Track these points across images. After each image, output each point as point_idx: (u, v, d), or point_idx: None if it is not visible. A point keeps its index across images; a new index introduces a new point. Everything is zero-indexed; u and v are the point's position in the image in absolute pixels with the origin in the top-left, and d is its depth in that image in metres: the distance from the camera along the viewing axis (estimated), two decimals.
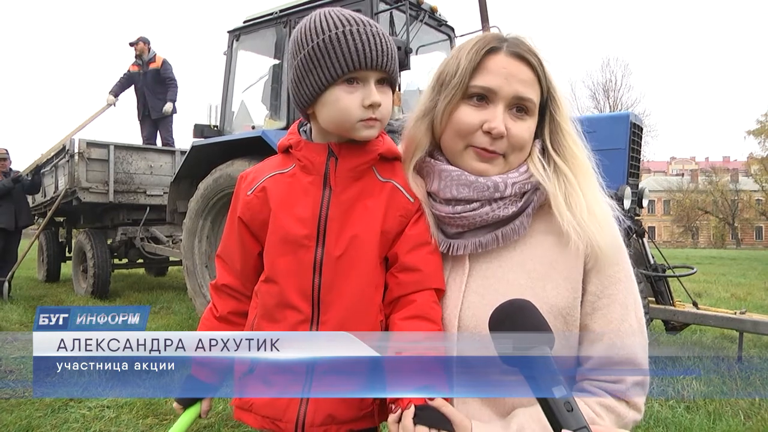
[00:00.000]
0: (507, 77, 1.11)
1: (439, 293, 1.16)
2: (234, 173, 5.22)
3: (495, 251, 1.16)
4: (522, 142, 1.14)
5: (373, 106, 1.10)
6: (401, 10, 4.98)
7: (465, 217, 1.14)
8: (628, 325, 1.11)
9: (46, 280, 10.37)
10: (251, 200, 1.20)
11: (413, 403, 1.00)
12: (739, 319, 4.60)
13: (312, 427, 1.10)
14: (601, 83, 38.17)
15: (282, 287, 1.15)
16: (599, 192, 1.18)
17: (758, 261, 19.69)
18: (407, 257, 1.15)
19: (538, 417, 1.03)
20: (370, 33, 1.09)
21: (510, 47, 1.13)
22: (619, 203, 4.53)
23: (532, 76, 1.13)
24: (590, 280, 1.12)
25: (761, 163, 43.51)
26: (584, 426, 0.79)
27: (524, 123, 1.14)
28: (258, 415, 1.15)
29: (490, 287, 1.14)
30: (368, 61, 1.07)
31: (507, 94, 1.11)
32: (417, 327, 1.10)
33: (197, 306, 5.81)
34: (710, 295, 8.95)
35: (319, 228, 1.13)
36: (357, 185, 1.16)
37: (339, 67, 1.07)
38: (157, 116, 9.04)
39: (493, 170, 1.15)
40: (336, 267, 1.13)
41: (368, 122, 1.11)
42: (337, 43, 1.07)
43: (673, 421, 3.29)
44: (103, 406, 3.51)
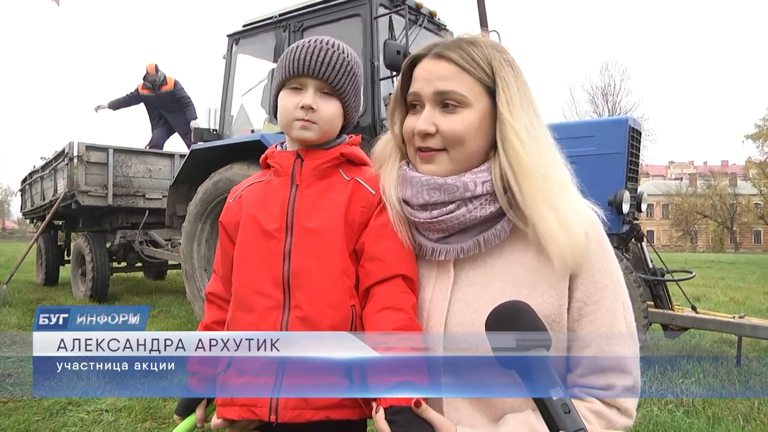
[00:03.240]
0: (427, 78, 1.15)
1: (407, 281, 1.17)
2: (233, 177, 5.22)
3: (479, 259, 1.16)
4: (454, 134, 1.13)
5: (305, 108, 1.24)
6: (400, 14, 5.00)
7: (443, 221, 1.14)
8: (617, 331, 1.10)
9: (44, 283, 10.34)
10: (231, 206, 1.34)
11: (389, 404, 1.02)
12: (737, 323, 4.60)
13: (285, 410, 1.13)
14: (600, 87, 38.32)
15: (255, 276, 1.22)
16: (567, 198, 1.12)
17: (757, 265, 19.71)
18: (372, 246, 1.21)
19: (529, 423, 1.03)
20: (318, 48, 1.24)
21: (433, 50, 1.16)
22: (618, 207, 4.54)
23: (454, 69, 1.13)
24: (576, 286, 1.11)
25: (759, 167, 43.61)
26: (582, 428, 0.79)
27: (456, 116, 1.13)
28: (236, 406, 1.18)
29: (476, 294, 1.13)
30: (305, 69, 1.23)
31: (428, 93, 1.14)
32: (387, 318, 1.12)
33: (196, 310, 5.81)
34: (709, 299, 8.95)
35: (287, 220, 1.23)
36: (322, 183, 1.26)
37: (284, 74, 1.26)
38: (184, 133, 9.00)
39: (438, 168, 1.15)
40: (303, 254, 1.20)
41: (302, 122, 1.25)
42: (288, 55, 1.26)
43: (672, 425, 3.28)
44: (102, 409, 3.50)
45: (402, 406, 1.02)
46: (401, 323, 1.11)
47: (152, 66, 8.96)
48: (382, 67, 4.75)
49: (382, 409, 1.03)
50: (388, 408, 1.02)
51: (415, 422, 1.02)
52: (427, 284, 1.20)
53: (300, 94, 1.25)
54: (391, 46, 4.45)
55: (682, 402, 3.74)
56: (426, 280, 1.20)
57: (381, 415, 1.03)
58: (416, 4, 5.39)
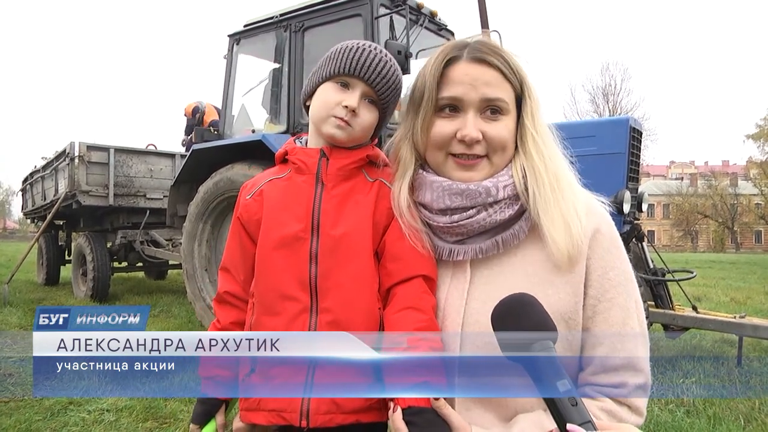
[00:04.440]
0: (471, 83, 1.13)
1: (428, 281, 1.18)
2: (234, 177, 5.22)
3: (496, 257, 1.16)
4: (501, 141, 1.14)
5: (348, 108, 1.21)
6: (401, 14, 4.99)
7: (463, 225, 1.15)
8: (629, 329, 1.10)
9: (45, 283, 10.36)
10: (249, 203, 1.29)
11: (408, 405, 1.02)
12: (738, 323, 4.60)
13: (317, 415, 1.12)
14: (601, 87, 38.23)
15: (280, 280, 1.19)
16: (574, 201, 1.14)
17: (757, 265, 19.68)
18: (394, 246, 1.19)
19: (540, 422, 1.03)
20: (373, 53, 1.22)
21: (470, 53, 1.15)
22: (619, 207, 4.54)
23: (498, 76, 1.13)
24: (590, 284, 1.11)
25: (760, 167, 43.56)
26: (589, 420, 0.78)
27: (500, 123, 1.14)
28: (265, 411, 1.16)
29: (492, 293, 1.13)
30: (357, 70, 1.21)
31: (474, 99, 1.13)
32: (408, 318, 1.12)
33: (197, 309, 5.80)
34: (710, 299, 8.94)
35: (313, 221, 1.20)
36: (348, 183, 1.24)
37: (334, 69, 1.23)
38: None
39: (478, 175, 1.15)
40: (331, 256, 1.18)
41: (339, 121, 1.22)
42: (344, 51, 1.23)
43: (673, 425, 3.28)
44: (103, 409, 3.50)
45: (421, 407, 1.02)
46: (421, 324, 1.11)
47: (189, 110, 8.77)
48: None
49: (400, 409, 1.03)
50: (407, 408, 1.02)
51: (433, 423, 1.02)
52: (443, 284, 1.20)
53: (345, 92, 1.22)
54: (392, 46, 4.45)
55: (682, 402, 3.74)
56: (441, 280, 1.21)
57: (399, 415, 1.03)
58: (417, 5, 5.39)
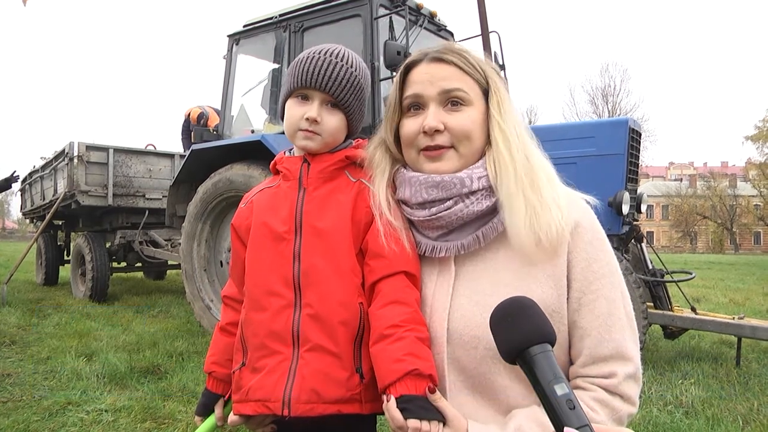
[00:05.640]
0: (429, 80, 1.18)
1: (410, 277, 1.20)
2: (233, 177, 5.22)
3: (479, 254, 1.18)
4: (463, 130, 1.17)
5: (309, 120, 1.27)
6: (401, 14, 4.99)
7: (442, 218, 1.17)
8: (616, 319, 1.11)
9: (44, 283, 10.33)
10: (242, 210, 1.39)
11: (400, 393, 1.06)
12: (737, 324, 4.60)
13: (297, 404, 1.16)
14: (600, 88, 38.42)
15: (266, 278, 1.26)
16: (552, 193, 1.14)
17: (756, 266, 19.69)
18: (375, 243, 1.23)
19: (536, 417, 1.04)
20: (326, 61, 1.26)
21: (430, 56, 1.21)
22: (618, 208, 4.54)
23: (456, 71, 1.18)
24: (574, 277, 1.12)
25: (759, 169, 43.57)
26: (586, 424, 0.78)
27: (462, 113, 1.17)
28: (252, 401, 1.22)
29: (477, 288, 1.15)
30: (310, 81, 1.26)
31: (432, 93, 1.18)
32: (392, 312, 1.16)
33: (195, 310, 5.79)
34: (709, 300, 8.95)
35: (296, 222, 1.26)
36: (329, 185, 1.30)
37: (292, 84, 1.29)
38: None
39: (446, 166, 1.18)
40: (312, 254, 1.23)
41: (305, 133, 1.29)
42: (297, 65, 1.29)
43: (671, 426, 3.28)
44: (101, 410, 3.48)
45: (414, 394, 1.05)
46: (406, 316, 1.15)
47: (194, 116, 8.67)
48: (383, 67, 4.75)
49: (394, 398, 1.06)
50: (400, 397, 1.06)
51: (427, 408, 1.04)
52: (429, 282, 1.22)
53: (306, 104, 1.29)
54: (391, 46, 4.45)
55: (681, 403, 3.74)
56: (428, 277, 1.23)
57: (392, 403, 1.05)
58: (417, 5, 5.39)
